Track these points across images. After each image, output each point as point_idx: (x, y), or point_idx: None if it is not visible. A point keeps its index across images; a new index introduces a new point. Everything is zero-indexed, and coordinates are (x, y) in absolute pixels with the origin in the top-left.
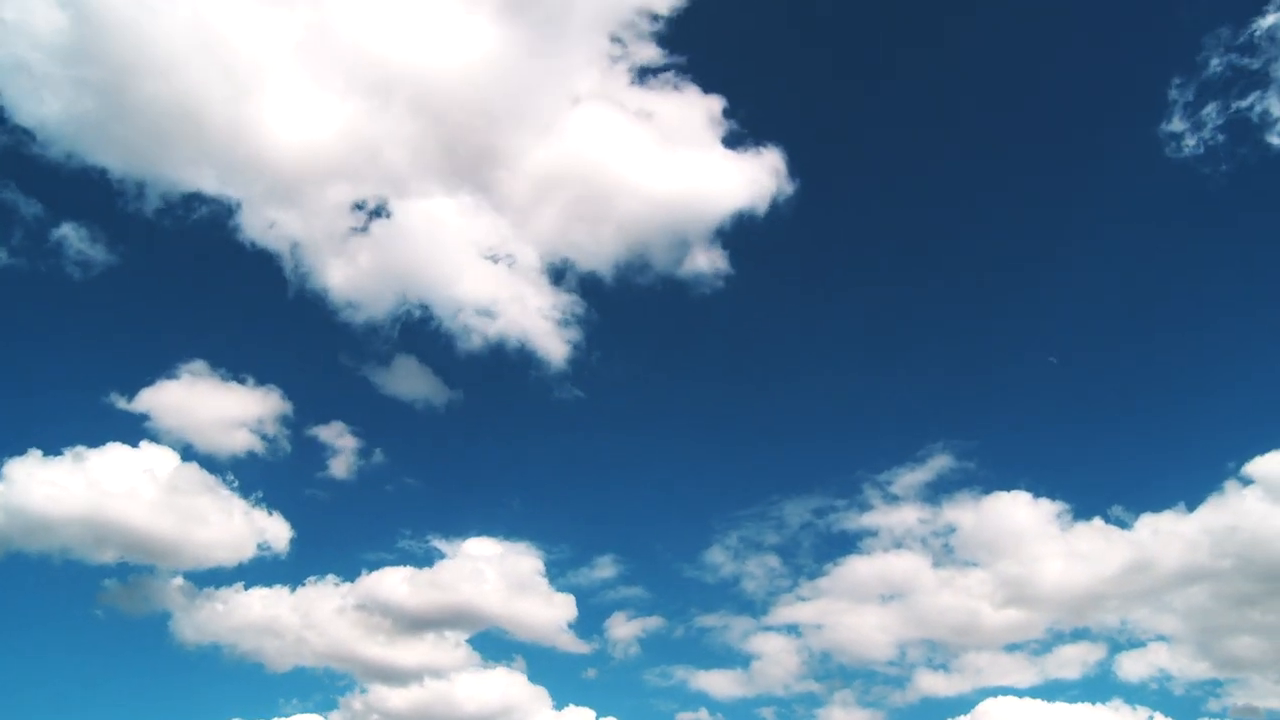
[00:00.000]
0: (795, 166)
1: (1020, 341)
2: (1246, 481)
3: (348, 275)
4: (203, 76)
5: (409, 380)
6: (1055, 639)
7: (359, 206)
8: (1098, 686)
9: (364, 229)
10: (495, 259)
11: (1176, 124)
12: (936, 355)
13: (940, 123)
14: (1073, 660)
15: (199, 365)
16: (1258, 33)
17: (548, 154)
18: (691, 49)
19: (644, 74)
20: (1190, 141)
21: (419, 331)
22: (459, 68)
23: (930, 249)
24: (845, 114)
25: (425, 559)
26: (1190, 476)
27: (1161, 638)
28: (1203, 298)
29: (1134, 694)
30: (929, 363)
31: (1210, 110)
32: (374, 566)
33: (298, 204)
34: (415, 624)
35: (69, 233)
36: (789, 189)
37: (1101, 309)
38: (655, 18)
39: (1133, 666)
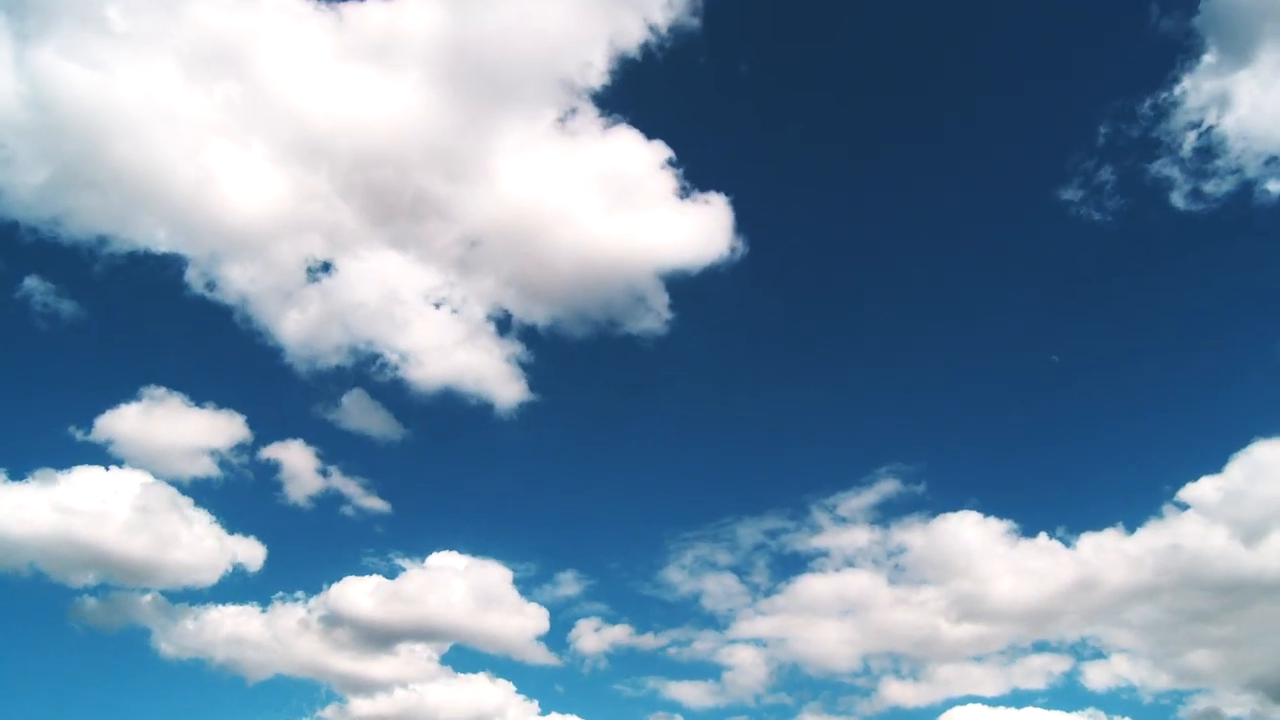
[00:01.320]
0: (739, 209)
1: (960, 373)
2: (1183, 506)
3: (300, 326)
4: (155, 144)
5: (364, 418)
6: (1017, 652)
7: (307, 261)
8: (1064, 697)
9: (312, 282)
10: (439, 305)
11: (1073, 192)
12: (878, 384)
13: (877, 170)
14: (1037, 671)
15: (162, 392)
16: (1146, 105)
17: (490, 206)
18: (634, 101)
19: (585, 126)
20: (1094, 211)
21: (371, 378)
22: (398, 124)
23: (871, 285)
24: (785, 164)
25: (395, 575)
26: (1128, 500)
27: (1122, 650)
28: (1135, 338)
29: (1100, 703)
30: (872, 391)
31: (1112, 176)
32: (345, 584)
33: (249, 260)
34: (388, 637)
35: (35, 285)
36: (731, 230)
37: (1039, 345)
38: (598, 70)
39: (1097, 677)
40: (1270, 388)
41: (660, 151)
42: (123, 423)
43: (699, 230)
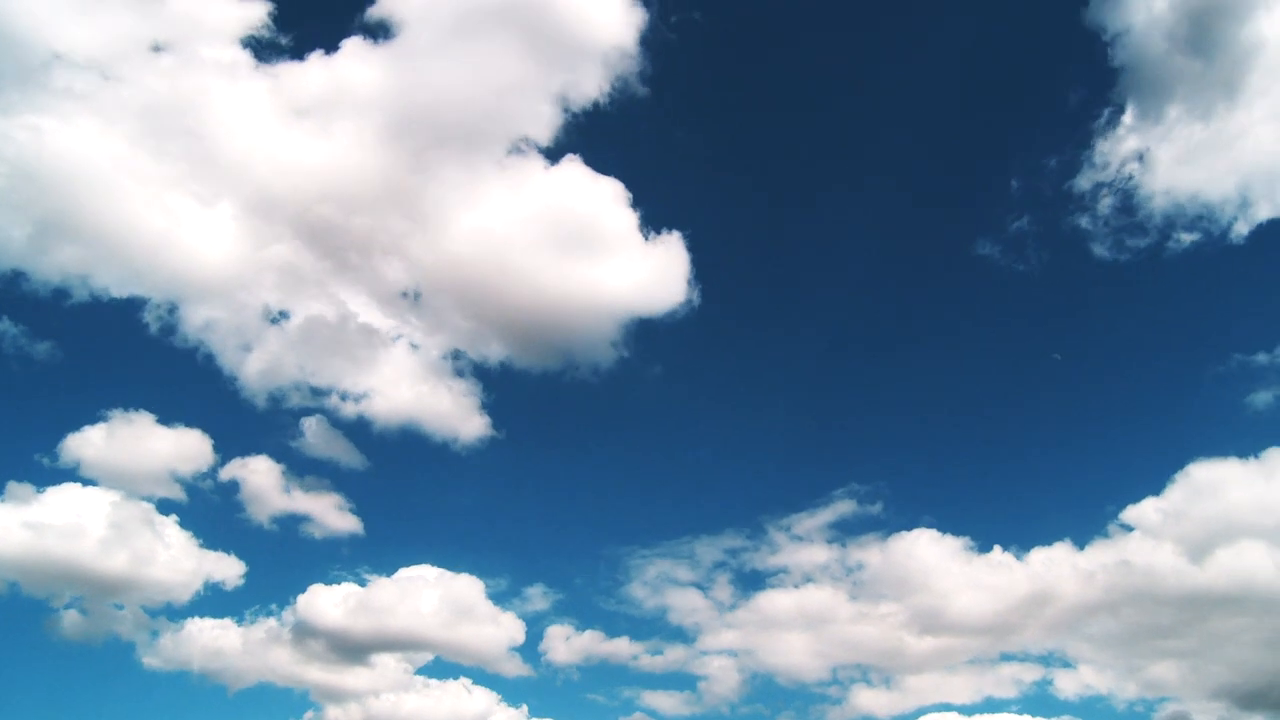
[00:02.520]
0: (694, 249)
1: (913, 400)
2: (1128, 528)
3: (261, 365)
4: (121, 199)
5: (328, 448)
6: (985, 663)
7: (266, 304)
8: (1037, 705)
9: (272, 323)
10: (399, 345)
11: (991, 247)
12: (832, 412)
13: (826, 213)
14: (1007, 680)
15: (132, 415)
16: (1067, 164)
17: (446, 248)
18: (590, 144)
19: (536, 171)
20: (1016, 263)
21: (334, 415)
22: (349, 172)
23: (822, 318)
24: (736, 209)
25: (368, 589)
26: (1075, 521)
27: (1088, 661)
28: (1074, 371)
29: (1074, 711)
30: (826, 419)
31: (1034, 228)
32: (320, 598)
33: (211, 304)
34: (364, 648)
35: (6, 328)
36: (687, 266)
37: (988, 374)
38: (549, 119)
39: (1067, 686)
40: (1202, 411)
41: (615, 194)
42: (94, 444)
43: (655, 268)
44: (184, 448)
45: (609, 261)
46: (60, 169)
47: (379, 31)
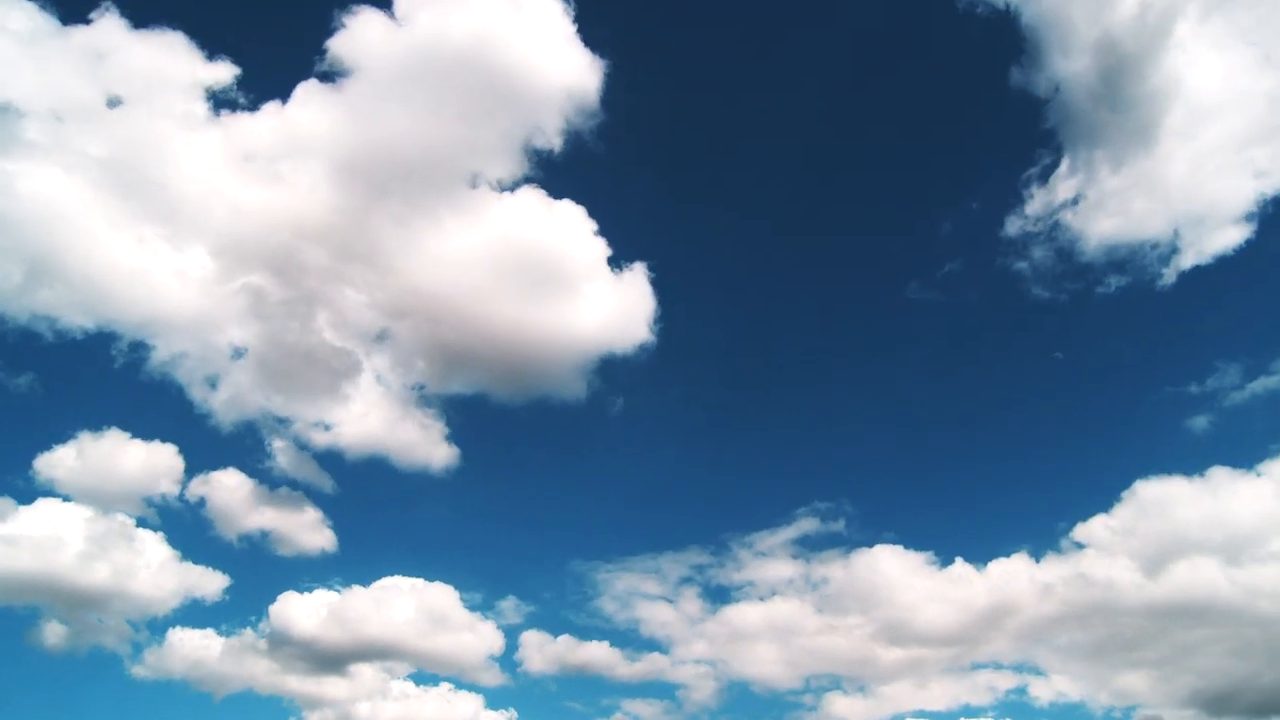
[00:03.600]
0: (658, 281)
1: (870, 423)
2: (1080, 545)
3: (229, 397)
4: (101, 244)
5: (299, 471)
6: (959, 672)
7: (233, 343)
8: (1015, 712)
9: (239, 359)
10: (366, 376)
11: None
12: (795, 436)
13: (793, 243)
14: (981, 688)
15: (108, 433)
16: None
17: (411, 283)
18: (559, 174)
19: (501, 203)
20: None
21: (303, 446)
22: (314, 211)
23: (783, 344)
24: (700, 242)
25: (347, 601)
26: (1029, 535)
27: (1058, 671)
28: (1023, 397)
29: (1051, 717)
30: (789, 442)
31: (968, 269)
32: (298, 609)
33: (180, 341)
34: (343, 658)
35: None
36: (651, 298)
37: (945, 398)
38: (521, 148)
39: (1040, 694)
40: (1146, 434)
41: (581, 229)
42: (69, 462)
43: (621, 300)
44: (156, 465)
45: (575, 294)
46: (30, 213)
47: (333, 75)
